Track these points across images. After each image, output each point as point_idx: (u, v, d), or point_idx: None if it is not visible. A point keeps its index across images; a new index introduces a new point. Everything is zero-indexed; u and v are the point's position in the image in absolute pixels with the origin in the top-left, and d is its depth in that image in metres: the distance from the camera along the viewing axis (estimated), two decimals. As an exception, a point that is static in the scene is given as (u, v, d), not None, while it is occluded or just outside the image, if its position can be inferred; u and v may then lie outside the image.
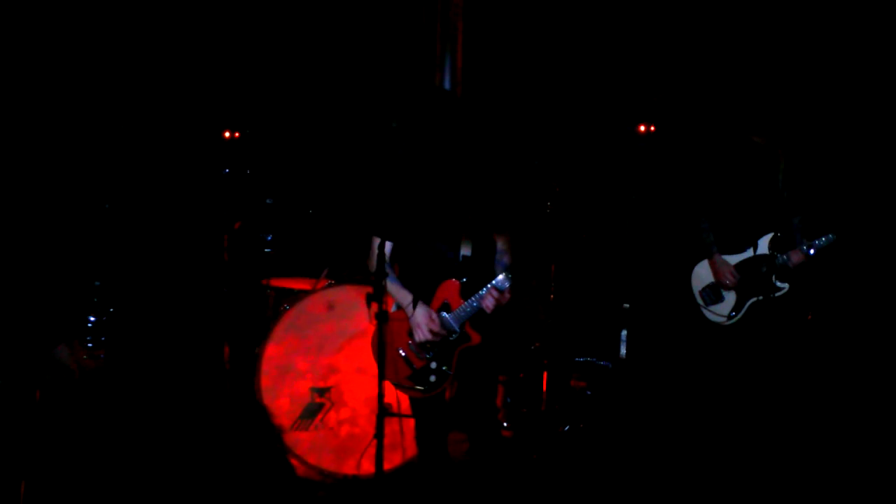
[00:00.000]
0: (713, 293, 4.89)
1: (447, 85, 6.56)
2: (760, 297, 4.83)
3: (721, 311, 4.88)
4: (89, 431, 5.27)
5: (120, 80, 7.13)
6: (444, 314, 4.16)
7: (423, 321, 4.14)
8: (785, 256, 4.81)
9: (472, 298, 4.14)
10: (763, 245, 4.85)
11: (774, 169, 4.88)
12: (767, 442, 5.07)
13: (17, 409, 4.07)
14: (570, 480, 5.29)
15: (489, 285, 4.12)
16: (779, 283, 4.81)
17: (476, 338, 4.18)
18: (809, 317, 5.91)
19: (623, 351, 6.55)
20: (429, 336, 4.14)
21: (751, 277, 4.84)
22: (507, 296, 4.15)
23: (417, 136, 4.22)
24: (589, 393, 6.26)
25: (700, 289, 4.93)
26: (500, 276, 4.13)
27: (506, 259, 4.25)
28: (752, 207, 4.89)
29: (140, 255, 7.02)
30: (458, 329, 4.17)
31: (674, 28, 7.13)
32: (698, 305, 4.93)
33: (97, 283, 6.64)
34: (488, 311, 4.13)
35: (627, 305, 6.59)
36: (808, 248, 4.75)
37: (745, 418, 4.97)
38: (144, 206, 7.10)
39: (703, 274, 4.92)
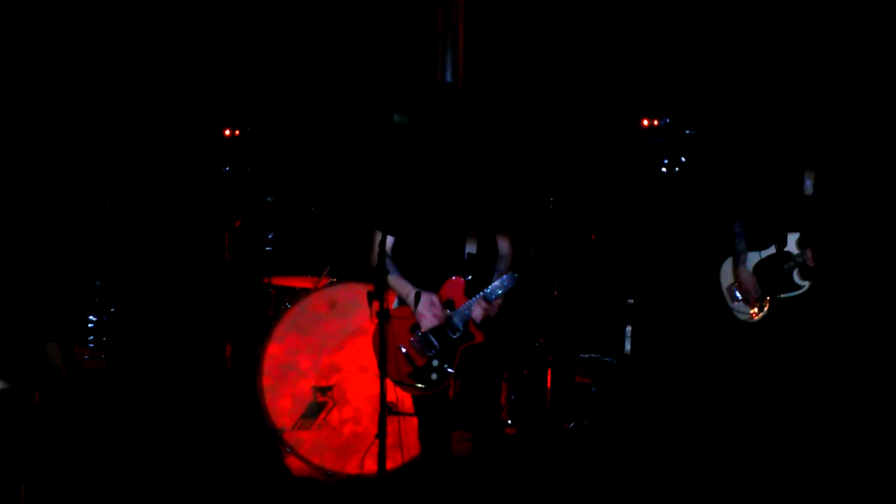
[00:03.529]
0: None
1: (448, 80, 6.51)
2: (784, 295, 4.78)
3: (748, 309, 4.83)
4: (91, 432, 5.25)
5: (119, 79, 7.09)
6: (448, 311, 4.12)
7: (426, 310, 4.10)
8: (807, 253, 4.73)
9: (470, 302, 4.10)
10: (790, 242, 4.79)
11: (800, 167, 4.80)
12: (774, 440, 5.02)
13: (17, 410, 4.04)
14: (574, 478, 5.25)
15: (478, 296, 4.09)
16: (799, 281, 4.75)
17: (479, 336, 4.14)
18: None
19: (627, 347, 6.51)
20: (435, 323, 4.09)
21: (774, 275, 4.78)
22: (496, 307, 4.12)
23: (419, 130, 4.18)
24: (594, 389, 6.22)
25: (727, 286, 4.88)
26: (491, 286, 4.10)
27: (503, 265, 4.21)
28: (779, 204, 4.82)
29: (141, 254, 6.99)
30: (461, 327, 4.13)
31: (685, 25, 7.06)
32: (724, 302, 4.87)
33: (97, 282, 6.61)
34: (478, 321, 4.10)
35: (632, 301, 6.54)
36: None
37: (753, 415, 4.92)
38: (145, 204, 7.06)
39: (730, 272, 4.88)
